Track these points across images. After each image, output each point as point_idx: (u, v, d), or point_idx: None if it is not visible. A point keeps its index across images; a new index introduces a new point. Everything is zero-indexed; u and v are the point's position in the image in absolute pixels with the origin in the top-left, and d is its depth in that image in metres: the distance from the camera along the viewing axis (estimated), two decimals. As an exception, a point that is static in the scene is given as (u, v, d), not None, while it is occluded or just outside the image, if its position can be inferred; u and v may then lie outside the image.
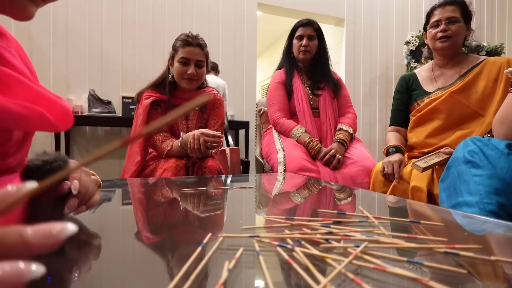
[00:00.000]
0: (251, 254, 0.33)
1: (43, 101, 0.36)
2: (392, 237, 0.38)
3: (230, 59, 3.15)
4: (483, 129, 1.15)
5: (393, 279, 0.27)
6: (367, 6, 3.72)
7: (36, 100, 0.35)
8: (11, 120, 0.32)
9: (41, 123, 0.35)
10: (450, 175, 0.90)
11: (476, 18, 4.09)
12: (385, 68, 3.83)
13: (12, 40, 0.42)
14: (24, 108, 0.33)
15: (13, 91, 0.33)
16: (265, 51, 6.67)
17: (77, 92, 2.66)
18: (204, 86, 1.40)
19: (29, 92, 0.35)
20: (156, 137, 1.26)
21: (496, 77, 1.18)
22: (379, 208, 0.61)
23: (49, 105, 0.36)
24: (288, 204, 0.64)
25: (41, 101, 0.35)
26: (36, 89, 0.35)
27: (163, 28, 2.91)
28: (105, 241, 0.40)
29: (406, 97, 1.40)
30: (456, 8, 1.25)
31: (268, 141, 1.57)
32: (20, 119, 0.33)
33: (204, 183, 0.86)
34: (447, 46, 1.25)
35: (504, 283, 0.29)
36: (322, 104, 1.57)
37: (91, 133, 2.74)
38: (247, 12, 3.22)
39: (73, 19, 2.62)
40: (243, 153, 3.01)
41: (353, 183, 1.32)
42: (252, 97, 3.28)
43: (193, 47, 1.24)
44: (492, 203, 0.75)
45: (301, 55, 1.58)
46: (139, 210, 0.55)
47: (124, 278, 0.29)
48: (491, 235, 0.46)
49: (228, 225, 0.48)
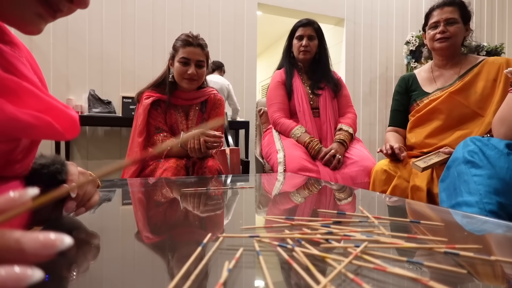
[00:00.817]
0: (251, 254, 0.33)
1: (52, 110, 0.36)
2: (392, 237, 0.38)
3: (230, 59, 3.15)
4: (483, 129, 1.15)
5: (393, 279, 0.27)
6: (367, 6, 3.72)
7: (45, 110, 0.35)
8: (20, 129, 0.33)
9: (49, 132, 0.36)
10: (450, 175, 0.90)
11: (476, 18, 4.09)
12: (385, 68, 3.83)
13: (23, 49, 0.43)
14: (33, 117, 0.33)
15: (23, 101, 0.34)
16: (265, 51, 6.67)
17: (77, 92, 2.66)
18: (204, 86, 1.40)
19: (38, 102, 0.35)
20: (156, 137, 1.27)
21: (495, 77, 1.18)
22: (379, 208, 0.61)
23: (57, 114, 0.37)
24: (288, 204, 0.64)
25: (49, 111, 0.36)
26: (45, 98, 0.36)
27: (163, 28, 2.91)
28: (105, 241, 0.40)
29: (405, 98, 1.41)
30: (454, 9, 1.25)
31: (268, 141, 1.57)
32: (28, 128, 0.33)
33: (204, 183, 0.86)
34: (445, 47, 1.26)
35: (504, 283, 0.29)
36: (322, 104, 1.57)
37: (91, 133, 2.74)
38: (247, 12, 3.22)
39: (73, 19, 2.62)
40: (243, 153, 3.01)
41: (353, 183, 1.32)
42: (252, 97, 3.28)
43: (193, 47, 1.24)
44: (492, 203, 0.75)
45: (301, 55, 1.58)
46: (139, 210, 0.55)
47: (124, 278, 0.29)
48: (491, 235, 0.46)
49: (228, 225, 0.48)
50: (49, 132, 0.36)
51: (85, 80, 2.69)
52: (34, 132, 0.34)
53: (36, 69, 0.45)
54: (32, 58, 0.45)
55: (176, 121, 1.33)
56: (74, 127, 0.40)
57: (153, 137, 1.28)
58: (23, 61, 0.39)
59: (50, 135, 0.36)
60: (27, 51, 0.44)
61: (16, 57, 0.38)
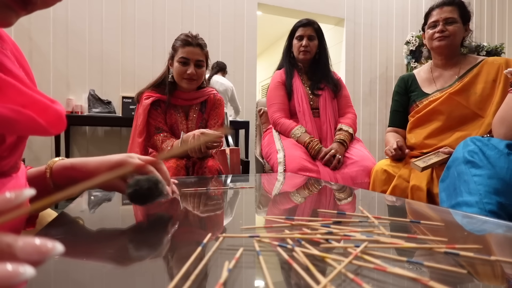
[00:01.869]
0: (251, 254, 0.33)
1: (35, 104, 0.35)
2: (392, 237, 0.38)
3: (230, 59, 3.16)
4: (482, 130, 1.15)
5: (393, 279, 0.27)
6: (367, 6, 3.72)
7: (27, 104, 0.34)
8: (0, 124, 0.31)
9: (31, 127, 0.34)
10: (450, 175, 0.90)
11: (476, 18, 4.09)
12: (385, 68, 3.83)
13: (8, 41, 0.41)
14: (13, 111, 0.32)
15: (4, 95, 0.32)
16: (265, 51, 6.67)
17: (77, 92, 2.66)
18: (204, 86, 1.40)
19: (20, 96, 0.34)
20: (156, 137, 1.26)
21: (495, 78, 1.18)
22: (379, 208, 0.61)
23: (41, 108, 0.35)
24: (288, 204, 0.64)
25: (32, 105, 0.35)
26: (28, 92, 0.35)
27: (163, 28, 2.91)
28: (105, 241, 0.40)
29: (404, 98, 1.41)
30: (454, 8, 1.25)
31: (268, 141, 1.57)
32: (9, 123, 0.32)
33: (204, 183, 0.86)
34: (444, 45, 1.25)
35: (504, 283, 0.29)
36: (322, 104, 1.57)
37: (91, 133, 2.74)
38: (247, 12, 3.22)
39: (73, 19, 2.62)
40: (243, 153, 3.01)
41: (353, 183, 1.32)
42: (252, 97, 3.28)
43: (192, 47, 1.24)
44: (492, 203, 0.75)
45: (301, 55, 1.58)
46: (139, 210, 0.55)
47: (124, 278, 0.29)
48: (491, 235, 0.46)
49: (228, 225, 0.48)
50: (31, 127, 0.34)
51: (85, 80, 2.69)
52: (16, 127, 0.33)
53: (23, 61, 0.43)
54: (18, 51, 0.43)
55: (176, 121, 1.33)
56: (60, 121, 0.38)
57: (153, 137, 1.28)
58: (6, 54, 0.38)
59: (33, 130, 0.35)
60: (13, 43, 0.43)
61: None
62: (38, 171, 0.51)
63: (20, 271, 0.14)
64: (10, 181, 0.40)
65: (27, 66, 0.44)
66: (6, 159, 0.39)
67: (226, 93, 2.84)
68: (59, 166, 0.50)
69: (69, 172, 0.50)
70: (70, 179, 0.50)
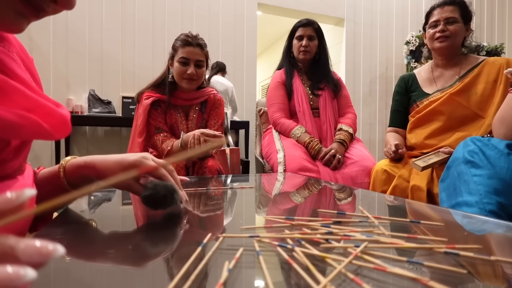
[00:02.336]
0: (251, 254, 0.33)
1: (40, 109, 0.35)
2: (392, 237, 0.38)
3: (230, 59, 3.16)
4: (483, 130, 1.15)
5: (393, 279, 0.27)
6: (367, 6, 3.72)
7: (32, 108, 0.34)
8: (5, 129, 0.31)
9: (37, 132, 0.34)
10: (450, 175, 0.90)
11: (476, 18, 4.09)
12: (385, 68, 3.83)
13: (15, 43, 0.41)
14: (19, 116, 0.32)
15: (9, 99, 0.32)
16: (265, 51, 6.67)
17: (77, 92, 2.66)
18: (204, 86, 1.40)
19: (25, 100, 0.34)
20: (156, 137, 1.26)
21: (496, 78, 1.18)
22: (379, 208, 0.61)
23: (46, 113, 0.35)
24: (288, 204, 0.64)
25: (37, 109, 0.34)
26: (33, 97, 0.34)
27: (163, 28, 2.91)
28: (105, 241, 0.40)
29: (405, 98, 1.40)
30: (455, 8, 1.24)
31: (268, 141, 1.57)
32: (14, 128, 0.32)
33: (204, 183, 0.86)
34: (445, 46, 1.25)
35: (504, 283, 0.29)
36: (322, 104, 1.57)
37: (91, 133, 2.74)
38: (247, 12, 3.22)
39: (73, 19, 2.62)
40: (243, 153, 3.01)
41: (353, 183, 1.32)
42: (252, 97, 3.28)
43: (192, 47, 1.24)
44: (492, 203, 0.75)
45: (301, 55, 1.58)
46: (139, 210, 0.55)
47: (124, 278, 0.29)
48: (491, 235, 0.46)
49: (228, 225, 0.48)
50: (36, 132, 0.34)
51: (85, 80, 2.69)
52: (21, 132, 0.33)
53: (29, 64, 0.43)
54: (25, 53, 0.43)
55: (176, 121, 1.33)
56: (65, 126, 0.38)
57: (153, 137, 1.28)
58: (13, 57, 0.38)
59: (37, 135, 0.35)
60: (20, 45, 0.43)
61: (5, 52, 0.37)
62: (51, 170, 0.51)
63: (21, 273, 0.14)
64: (15, 183, 0.40)
65: (34, 68, 0.44)
66: (10, 161, 0.39)
67: (227, 93, 2.84)
68: (73, 165, 0.50)
69: (82, 171, 0.49)
70: (84, 178, 0.50)
